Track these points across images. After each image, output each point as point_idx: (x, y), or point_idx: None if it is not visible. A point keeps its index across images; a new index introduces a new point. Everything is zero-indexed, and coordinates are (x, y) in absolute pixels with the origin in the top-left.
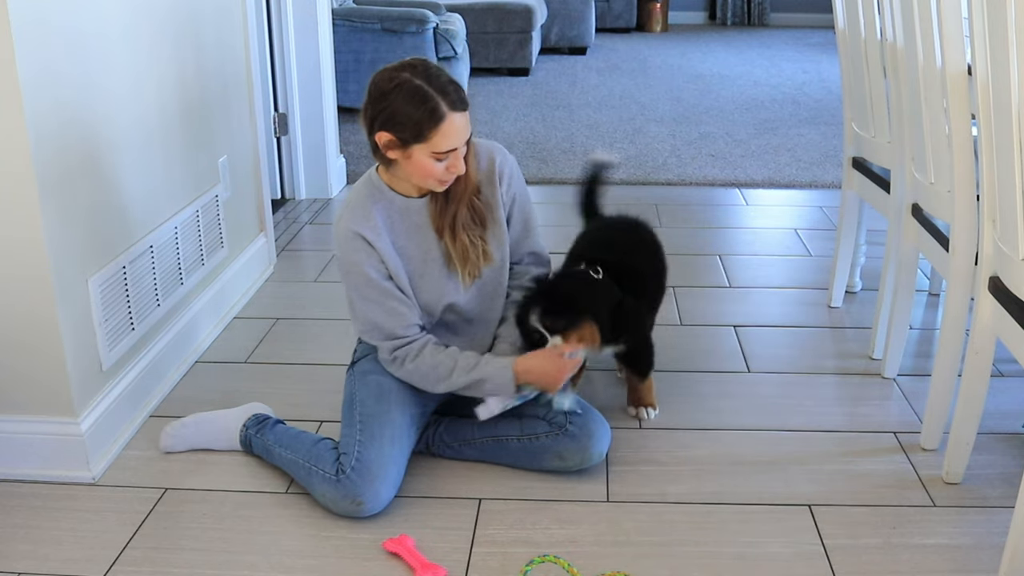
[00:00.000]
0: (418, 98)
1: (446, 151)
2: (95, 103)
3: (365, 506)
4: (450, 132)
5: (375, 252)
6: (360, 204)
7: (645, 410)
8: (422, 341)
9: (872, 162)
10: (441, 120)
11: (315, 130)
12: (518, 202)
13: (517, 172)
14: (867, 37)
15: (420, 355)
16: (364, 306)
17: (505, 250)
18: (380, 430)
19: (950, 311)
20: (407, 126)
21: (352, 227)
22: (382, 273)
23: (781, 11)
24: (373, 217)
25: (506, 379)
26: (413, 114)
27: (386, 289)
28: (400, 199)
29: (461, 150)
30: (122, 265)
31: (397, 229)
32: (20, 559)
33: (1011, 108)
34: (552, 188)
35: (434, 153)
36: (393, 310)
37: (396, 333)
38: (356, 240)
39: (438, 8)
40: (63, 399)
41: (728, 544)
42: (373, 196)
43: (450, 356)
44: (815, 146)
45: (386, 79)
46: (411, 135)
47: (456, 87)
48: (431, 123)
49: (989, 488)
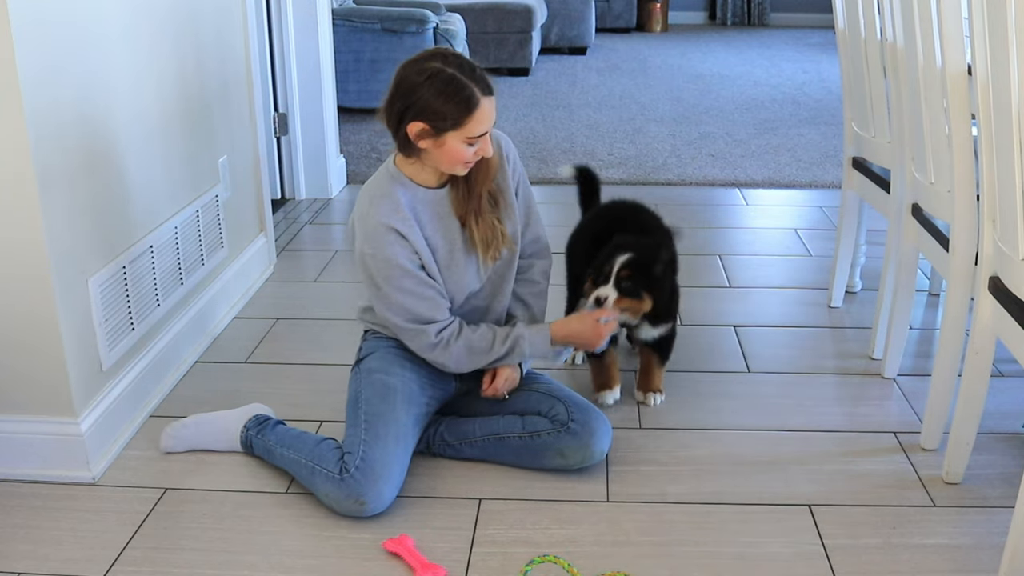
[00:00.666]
0: (453, 87)
1: (479, 135)
2: (95, 103)
3: (368, 506)
4: (483, 117)
5: (408, 244)
6: (388, 197)
7: (654, 396)
8: (458, 321)
9: (872, 162)
10: (476, 106)
11: (315, 130)
12: (522, 185)
13: (518, 157)
14: (867, 37)
15: (461, 334)
16: (401, 297)
17: (518, 234)
18: (385, 430)
19: (950, 311)
20: (443, 114)
21: (384, 221)
22: (416, 264)
23: (781, 11)
24: (403, 209)
25: (544, 339)
26: (449, 102)
27: (422, 279)
28: (423, 191)
29: (490, 133)
30: (122, 265)
31: (423, 220)
32: (20, 559)
33: (1011, 108)
34: (552, 188)
35: (468, 138)
36: (431, 298)
37: (435, 318)
38: (390, 234)
39: (438, 8)
40: (63, 399)
41: (728, 544)
42: (398, 189)
43: (488, 328)
44: (815, 146)
45: (415, 71)
46: (449, 123)
47: (483, 72)
48: (467, 110)
49: (989, 488)
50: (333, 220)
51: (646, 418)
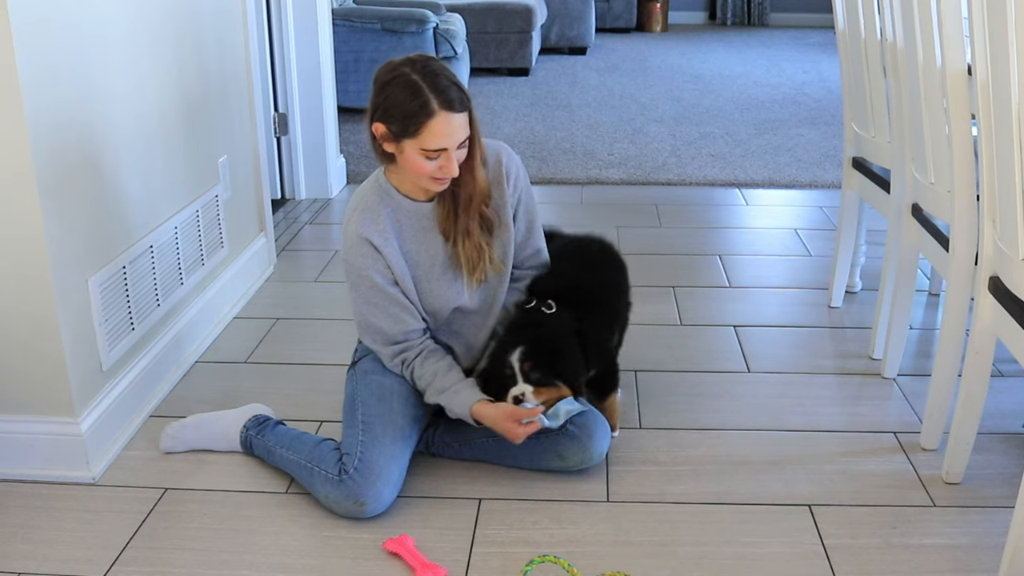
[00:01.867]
0: (410, 92)
1: (435, 149)
2: (95, 103)
3: (368, 507)
4: (439, 131)
5: (381, 257)
6: (369, 207)
7: None
8: (418, 348)
9: (872, 162)
10: (430, 117)
11: (315, 130)
12: (523, 202)
13: (523, 171)
14: (867, 37)
15: (413, 364)
16: (368, 311)
17: (510, 252)
18: (383, 431)
19: (950, 311)
20: (398, 119)
21: (361, 231)
22: (388, 279)
23: (781, 11)
24: (382, 221)
25: (463, 413)
26: (404, 107)
27: (391, 295)
28: (408, 203)
29: (455, 152)
30: (122, 265)
31: (405, 233)
32: (20, 559)
33: (1011, 108)
34: (552, 188)
35: (423, 150)
36: (396, 316)
37: (397, 339)
38: (364, 245)
39: (438, 8)
40: (63, 399)
41: (728, 544)
42: (382, 199)
43: (433, 371)
44: (815, 146)
45: (387, 71)
46: (400, 129)
47: (456, 88)
48: (420, 118)
49: (989, 488)
50: (333, 220)
51: (646, 418)
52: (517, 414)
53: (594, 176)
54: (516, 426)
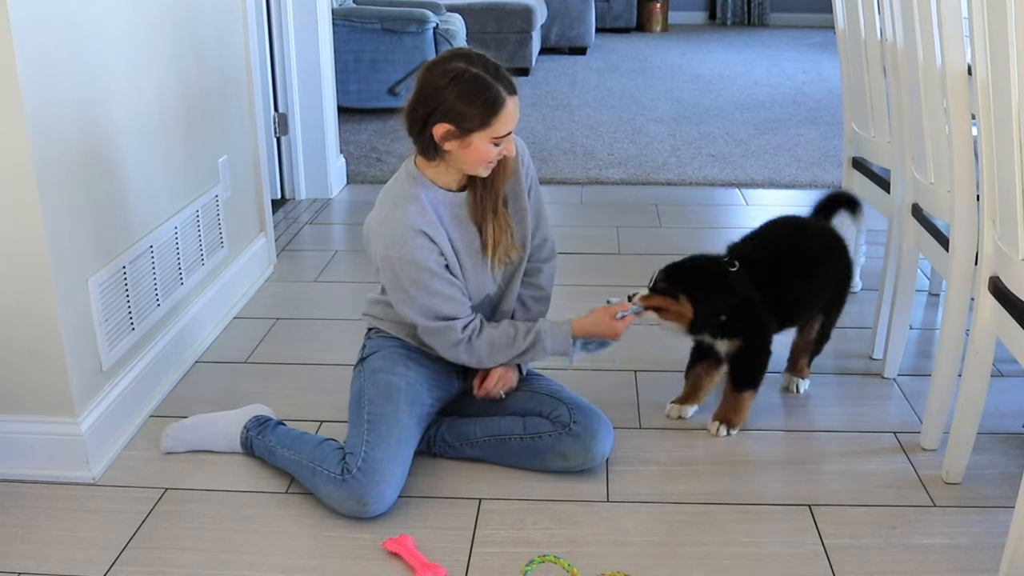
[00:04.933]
0: (478, 86)
1: (504, 135)
2: (95, 103)
3: (370, 506)
4: (509, 116)
5: (435, 246)
6: (413, 199)
7: (718, 425)
8: (479, 318)
9: (872, 162)
10: (502, 106)
11: (315, 130)
12: (534, 187)
13: (529, 157)
14: (867, 37)
15: (483, 330)
16: (429, 299)
17: (528, 236)
18: (388, 431)
19: (950, 311)
20: (470, 115)
21: (412, 224)
22: (442, 265)
23: (781, 11)
24: (428, 211)
25: (564, 333)
26: (476, 102)
27: (449, 279)
28: (442, 192)
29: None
30: (122, 265)
31: (445, 222)
32: (20, 559)
33: (1011, 108)
34: (552, 188)
35: (494, 138)
36: (454, 297)
37: (459, 315)
38: (419, 237)
39: (438, 8)
40: (63, 399)
41: (728, 544)
42: (421, 191)
43: (509, 324)
44: (815, 146)
45: (439, 73)
46: (476, 123)
47: (506, 71)
48: (493, 110)
49: (989, 488)
50: (333, 220)
51: (646, 418)
52: (614, 309)
53: (594, 176)
54: (612, 320)
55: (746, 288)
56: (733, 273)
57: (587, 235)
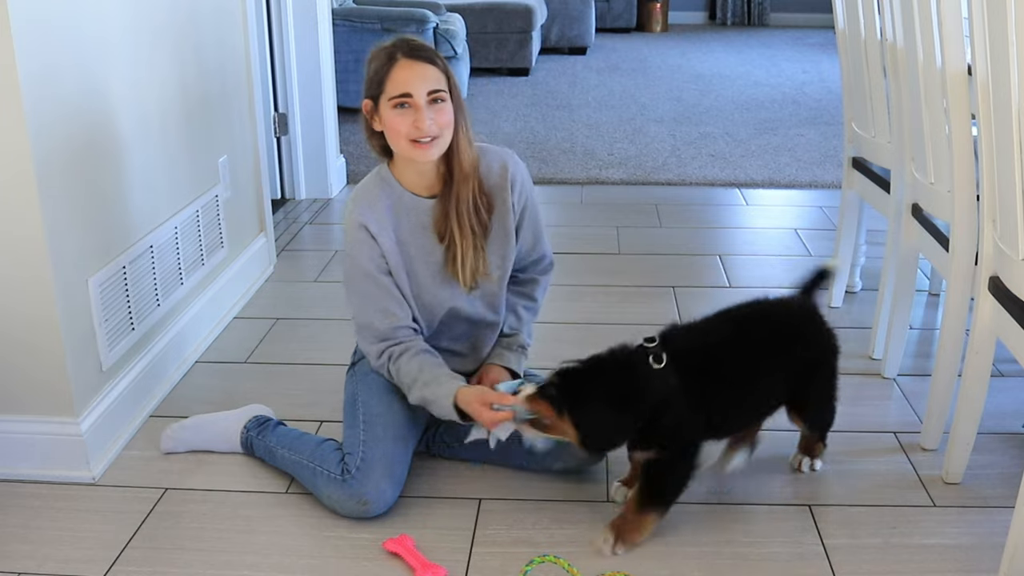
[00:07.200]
0: (377, 52)
1: (399, 95)
2: (95, 103)
3: (371, 506)
4: (400, 76)
5: (377, 246)
6: (368, 195)
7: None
8: (406, 345)
9: (872, 162)
10: (393, 64)
11: (315, 130)
12: (528, 209)
13: (528, 179)
14: (867, 37)
15: (400, 359)
16: (360, 304)
17: (509, 261)
18: (384, 430)
19: (950, 311)
20: (370, 81)
21: (358, 218)
22: (381, 268)
23: (781, 11)
24: (380, 209)
25: (447, 407)
26: (371, 65)
27: (383, 285)
28: (408, 196)
29: (426, 109)
30: (122, 265)
31: (402, 225)
32: (20, 559)
33: (1011, 108)
34: (552, 188)
35: (391, 100)
36: (386, 310)
37: (385, 335)
38: (360, 231)
39: (438, 8)
40: (63, 399)
41: (728, 544)
42: (382, 189)
43: (419, 367)
44: (815, 146)
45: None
46: (375, 88)
47: (425, 47)
48: (385, 69)
49: (989, 488)
50: (333, 220)
51: None
52: (490, 398)
53: (594, 176)
54: (486, 409)
55: (668, 391)
56: (656, 372)
57: (587, 235)
